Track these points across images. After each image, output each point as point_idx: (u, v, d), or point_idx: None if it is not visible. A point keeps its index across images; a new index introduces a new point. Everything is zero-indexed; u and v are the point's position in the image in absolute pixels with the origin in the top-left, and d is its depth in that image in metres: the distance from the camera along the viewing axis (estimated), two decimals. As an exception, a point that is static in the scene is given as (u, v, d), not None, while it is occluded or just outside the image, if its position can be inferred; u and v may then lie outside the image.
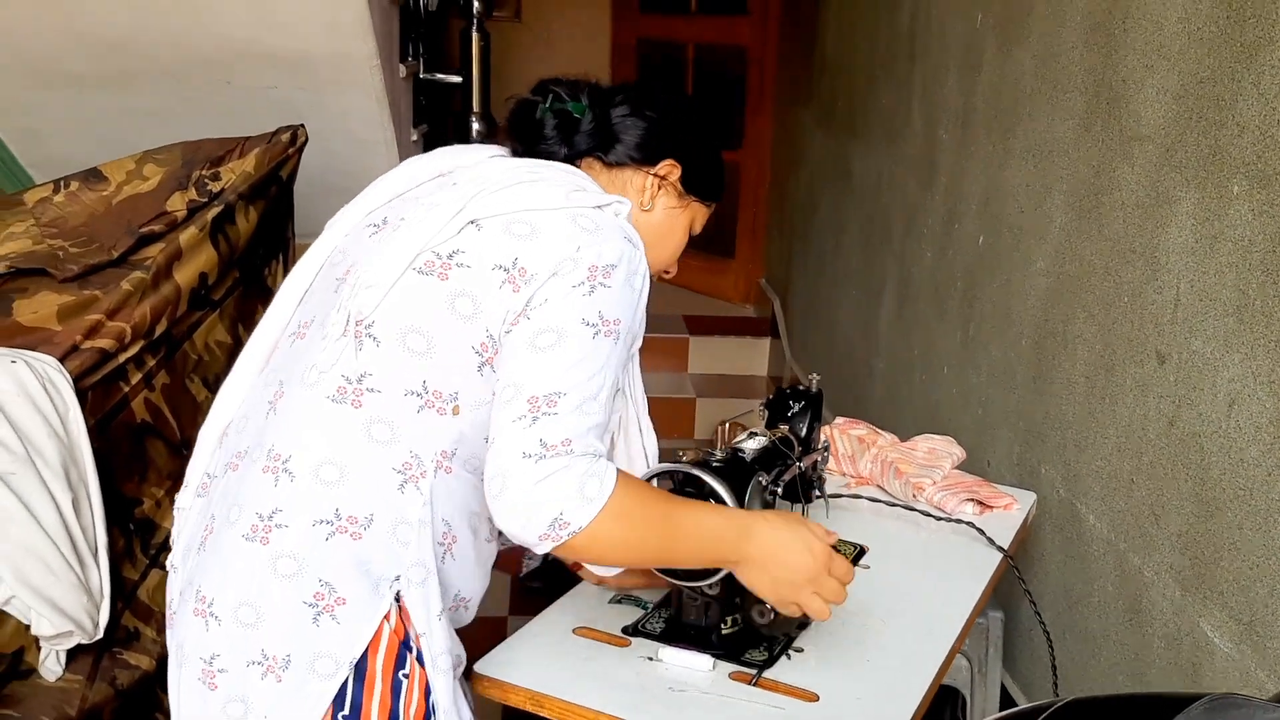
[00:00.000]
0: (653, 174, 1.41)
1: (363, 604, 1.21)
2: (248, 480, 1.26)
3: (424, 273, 1.24)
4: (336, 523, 1.21)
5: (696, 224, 1.48)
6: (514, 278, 1.22)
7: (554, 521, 1.14)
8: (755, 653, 1.41)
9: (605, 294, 1.21)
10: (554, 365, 1.18)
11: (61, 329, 1.96)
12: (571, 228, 1.24)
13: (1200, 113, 1.60)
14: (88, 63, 3.08)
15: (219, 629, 1.22)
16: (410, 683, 1.22)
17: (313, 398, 1.25)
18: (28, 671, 1.87)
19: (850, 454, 2.01)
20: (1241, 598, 1.47)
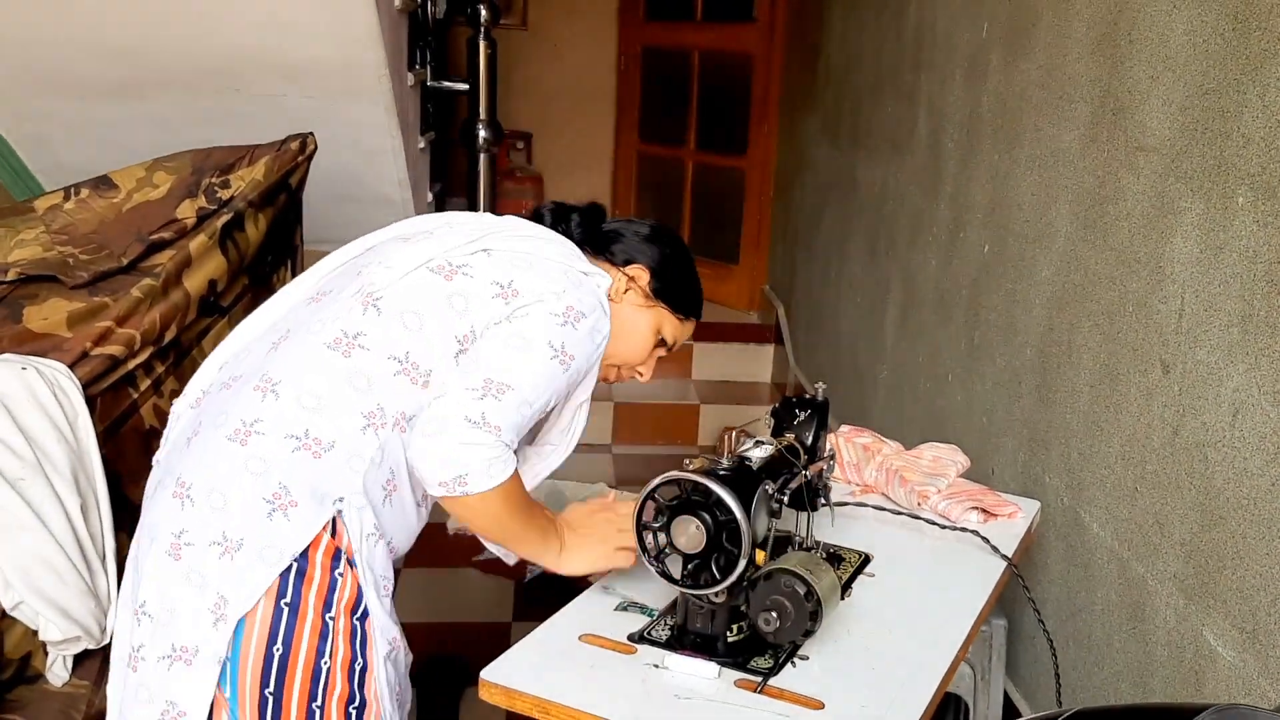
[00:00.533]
0: (623, 272, 1.66)
1: (309, 511, 1.42)
2: (239, 395, 1.48)
3: (434, 271, 1.51)
4: (304, 440, 1.44)
5: (667, 331, 1.68)
6: (506, 293, 1.49)
7: (457, 478, 1.39)
8: (761, 660, 1.41)
9: (572, 332, 1.48)
10: (515, 364, 1.44)
11: (71, 335, 1.97)
12: (561, 276, 1.52)
13: (1205, 124, 1.61)
14: (98, 71, 3.10)
15: (192, 509, 1.44)
16: (344, 581, 1.44)
17: (313, 342, 1.49)
18: (35, 677, 1.88)
19: (855, 462, 2.02)
20: (1245, 606, 1.48)
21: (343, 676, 1.44)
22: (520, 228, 1.60)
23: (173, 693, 1.42)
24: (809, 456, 1.66)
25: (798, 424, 1.71)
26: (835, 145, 3.91)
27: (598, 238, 1.68)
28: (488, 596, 2.98)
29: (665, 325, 1.68)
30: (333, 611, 1.43)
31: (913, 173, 3.01)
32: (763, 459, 1.51)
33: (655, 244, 1.69)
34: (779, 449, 1.58)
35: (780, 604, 1.35)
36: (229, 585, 1.40)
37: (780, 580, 1.35)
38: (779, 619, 1.35)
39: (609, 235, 1.69)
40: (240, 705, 1.41)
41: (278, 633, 1.41)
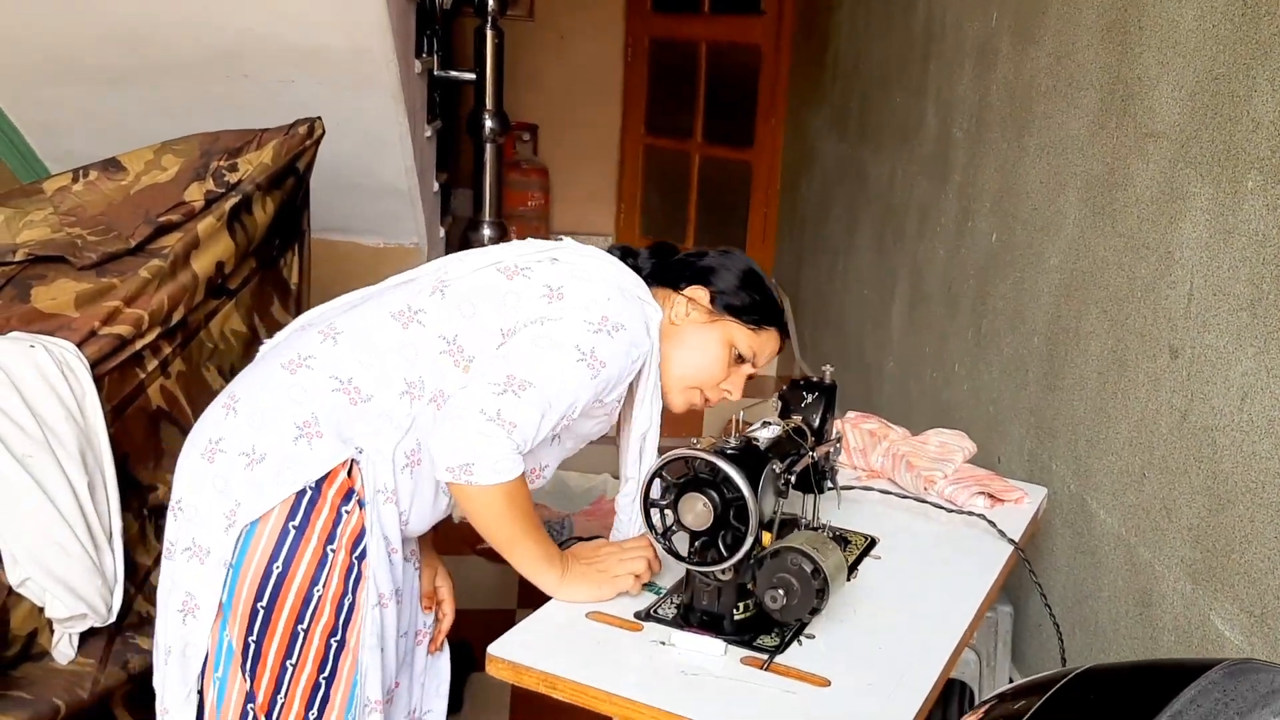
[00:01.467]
0: (680, 294, 1.67)
1: (331, 446, 1.50)
2: (305, 337, 1.58)
3: (500, 271, 1.59)
4: (345, 386, 1.52)
5: (740, 343, 1.66)
6: (553, 295, 1.54)
7: (464, 465, 1.42)
8: (767, 638, 1.41)
9: (606, 340, 1.50)
10: (540, 363, 1.47)
11: (79, 315, 1.98)
12: (616, 291, 1.56)
13: (1215, 109, 1.61)
14: (106, 57, 3.10)
15: (234, 419, 1.53)
16: (349, 517, 1.49)
17: (380, 310, 1.58)
18: (41, 654, 1.88)
19: (862, 448, 2.02)
20: (1252, 590, 1.48)
21: (331, 608, 1.49)
22: (593, 252, 1.65)
23: (190, 584, 1.51)
24: (816, 439, 1.66)
25: (805, 406, 1.71)
26: (843, 137, 3.91)
27: (665, 271, 1.71)
28: (493, 583, 2.98)
29: (737, 338, 1.66)
30: (335, 544, 1.48)
31: (921, 163, 3.01)
32: (770, 439, 1.51)
33: (716, 261, 1.71)
34: (786, 430, 1.58)
35: (787, 582, 1.35)
36: (245, 493, 1.48)
37: (787, 558, 1.35)
38: (786, 596, 1.35)
39: (675, 267, 1.71)
40: (233, 612, 1.48)
41: (280, 551, 1.47)
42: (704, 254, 1.73)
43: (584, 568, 1.54)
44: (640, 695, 1.29)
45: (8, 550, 1.77)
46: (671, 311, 1.66)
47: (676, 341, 1.65)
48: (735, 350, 1.67)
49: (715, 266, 1.69)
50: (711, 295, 1.66)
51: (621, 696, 1.29)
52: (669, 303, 1.67)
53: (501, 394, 1.43)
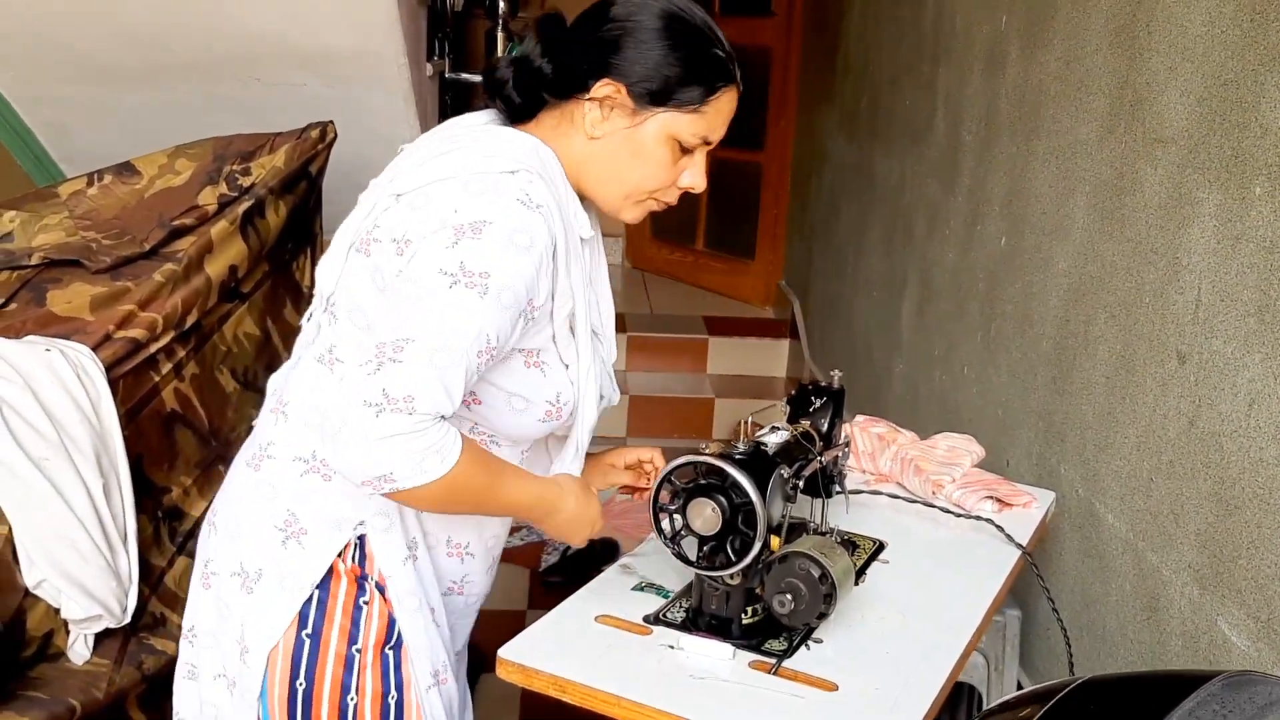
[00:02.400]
0: (589, 99, 1.30)
1: (322, 538, 1.33)
2: (262, 421, 1.43)
3: (358, 250, 1.31)
4: (311, 462, 1.34)
5: (684, 134, 1.32)
6: (401, 248, 1.25)
7: (382, 477, 1.17)
8: (775, 643, 1.42)
9: (472, 245, 1.19)
10: (405, 312, 1.18)
11: (94, 319, 2.00)
12: (459, 192, 1.23)
13: (1223, 115, 1.61)
14: (119, 58, 3.12)
15: (215, 537, 1.40)
16: (370, 609, 1.33)
17: (309, 357, 1.38)
18: (56, 654, 1.90)
19: (870, 451, 2.02)
20: (1260, 596, 1.48)
21: (373, 714, 1.34)
22: (426, 147, 1.32)
23: (223, 710, 1.40)
24: (824, 443, 1.67)
25: (813, 411, 1.71)
26: (853, 139, 3.91)
27: (565, 73, 1.31)
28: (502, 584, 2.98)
29: (678, 128, 1.32)
30: (359, 644, 1.33)
31: (930, 165, 3.01)
32: (778, 444, 1.52)
33: (613, 36, 1.30)
34: (794, 435, 1.59)
35: (795, 586, 1.36)
36: (250, 616, 1.34)
37: (795, 563, 1.36)
38: (794, 601, 1.36)
39: (573, 58, 1.31)
40: None
41: (299, 666, 1.33)
42: (603, 16, 1.31)
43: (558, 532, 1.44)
44: (649, 699, 1.30)
45: (24, 551, 1.79)
46: (587, 125, 1.31)
47: (605, 157, 1.32)
48: (678, 142, 1.33)
49: (615, 42, 1.29)
50: (626, 88, 1.30)
51: (630, 700, 1.30)
52: (578, 114, 1.32)
53: (378, 370, 1.15)
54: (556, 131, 1.34)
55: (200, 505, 2.19)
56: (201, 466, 2.20)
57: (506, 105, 1.36)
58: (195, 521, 2.18)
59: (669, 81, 1.30)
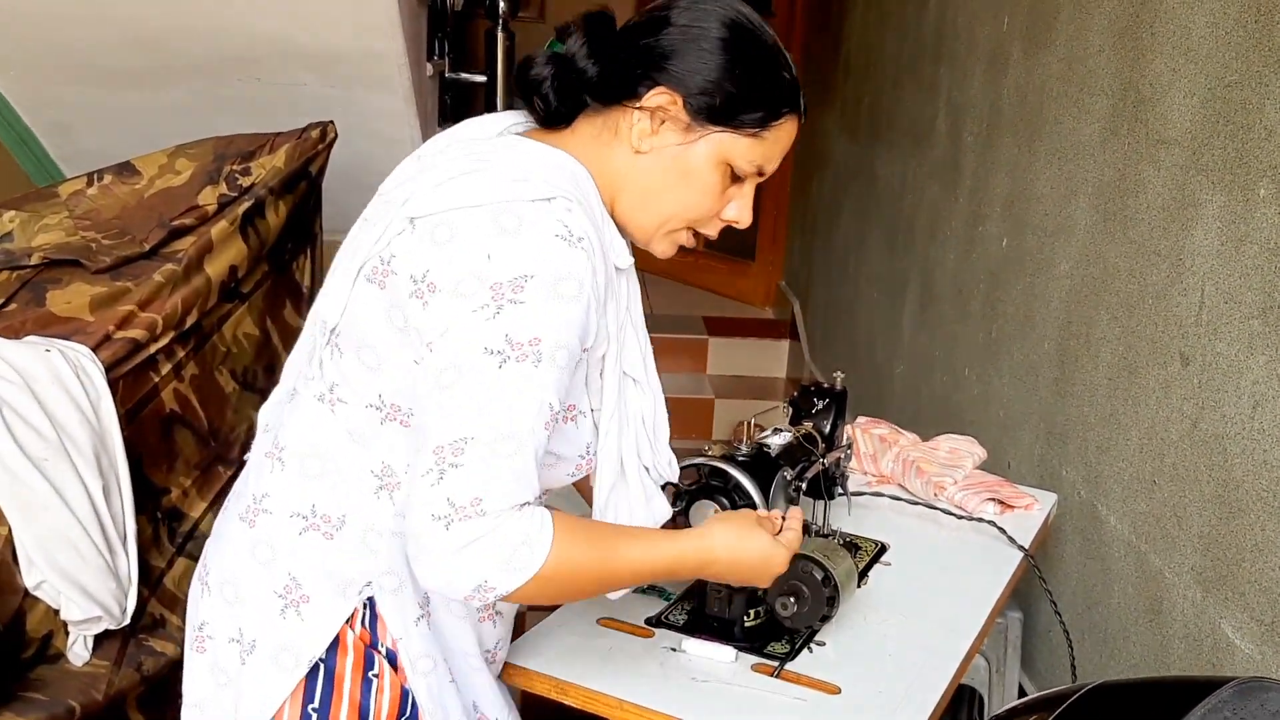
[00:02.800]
0: (640, 108, 1.16)
1: (326, 605, 1.19)
2: (256, 463, 1.28)
3: (370, 280, 1.15)
4: (311, 519, 1.20)
5: (739, 160, 1.19)
6: (422, 291, 1.10)
7: (478, 587, 1.05)
8: (778, 645, 1.42)
9: (515, 312, 1.06)
10: (457, 409, 1.05)
11: (94, 319, 1.99)
12: (490, 228, 1.08)
13: (1227, 116, 1.61)
14: (119, 58, 3.12)
15: (209, 599, 1.26)
16: (380, 682, 1.20)
17: (308, 395, 1.23)
18: (56, 656, 1.90)
19: (872, 453, 2.02)
20: (1263, 598, 1.48)
21: None
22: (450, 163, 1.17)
23: None
24: (827, 445, 1.66)
25: (816, 413, 1.71)
26: (854, 139, 3.91)
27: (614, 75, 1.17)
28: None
29: (733, 153, 1.18)
30: (370, 718, 1.21)
31: (932, 166, 3.01)
32: (781, 446, 1.52)
33: (677, 42, 1.16)
34: (797, 437, 1.58)
35: (798, 589, 1.36)
36: (246, 689, 1.22)
37: (798, 565, 1.36)
38: (796, 604, 1.35)
39: (625, 60, 1.17)
40: None
41: None
42: (662, 20, 1.17)
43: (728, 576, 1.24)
44: (651, 702, 1.30)
45: (24, 552, 1.78)
46: (634, 137, 1.17)
47: (649, 175, 1.18)
48: (731, 168, 1.19)
49: (678, 47, 1.15)
50: (683, 99, 1.15)
51: (632, 703, 1.30)
52: (624, 123, 1.18)
53: (440, 480, 1.04)
54: (596, 141, 1.19)
55: (200, 506, 2.19)
56: (201, 467, 2.20)
57: (542, 107, 1.21)
58: (194, 522, 2.17)
59: (731, 98, 1.16)
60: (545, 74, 1.19)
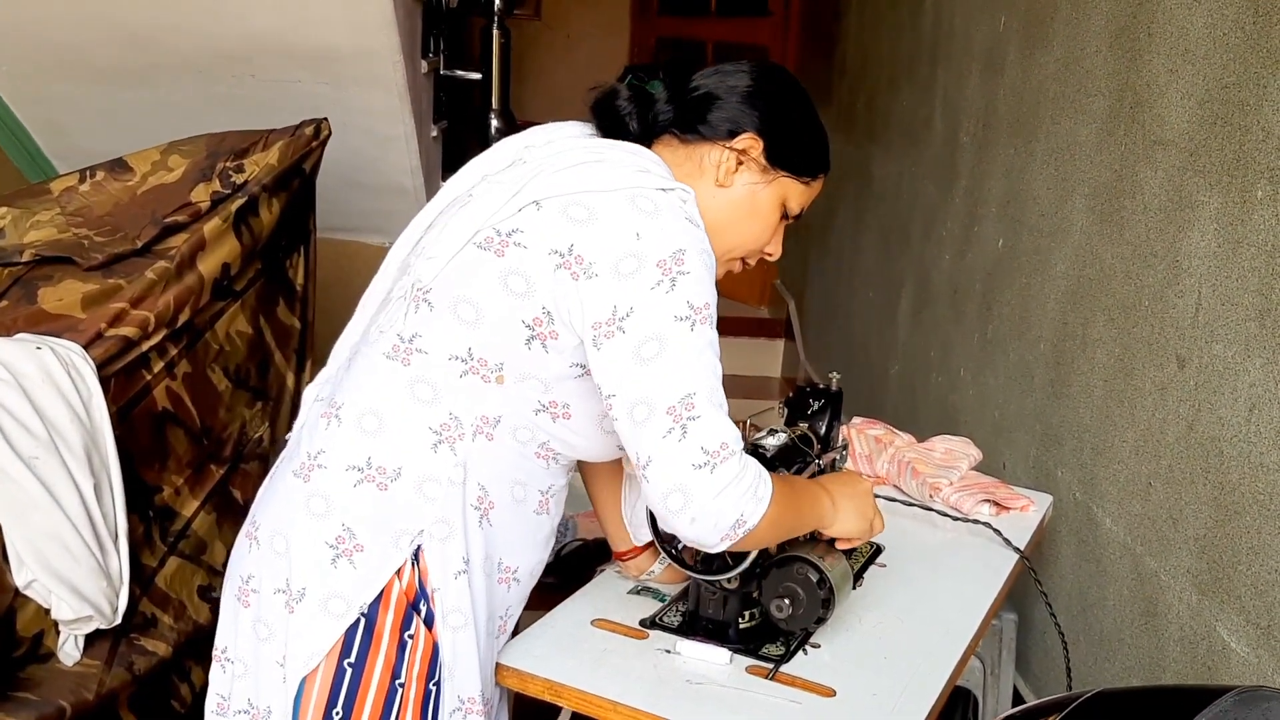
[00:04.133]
0: (729, 148, 1.33)
1: (379, 554, 1.25)
2: (311, 423, 1.35)
3: (482, 247, 1.24)
4: (366, 471, 1.26)
5: (792, 201, 1.38)
6: (570, 263, 1.21)
7: (736, 523, 1.20)
8: (772, 647, 1.41)
9: (686, 281, 1.20)
10: (672, 371, 1.18)
11: (86, 317, 1.98)
12: (630, 210, 1.21)
13: (1224, 117, 1.60)
14: (113, 56, 3.11)
15: (257, 552, 1.31)
16: (415, 643, 1.26)
17: (372, 353, 1.30)
18: (46, 655, 1.89)
19: (868, 454, 2.01)
20: (1259, 602, 1.47)
21: None
22: (569, 154, 1.30)
23: None
24: (822, 446, 1.65)
25: (811, 414, 1.70)
26: (850, 139, 3.90)
27: (688, 111, 1.35)
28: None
29: (790, 195, 1.38)
30: (402, 677, 1.26)
31: (928, 166, 3.01)
32: (776, 447, 1.51)
33: (762, 97, 1.35)
34: (792, 438, 1.57)
35: (793, 591, 1.35)
36: (292, 639, 1.27)
37: (793, 567, 1.35)
38: (791, 606, 1.35)
39: (701, 102, 1.34)
40: None
41: (338, 696, 1.26)
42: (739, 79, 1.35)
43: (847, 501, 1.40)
44: (645, 704, 1.29)
45: (14, 552, 1.77)
46: (720, 171, 1.33)
47: (725, 208, 1.34)
48: (784, 209, 1.39)
49: (764, 103, 1.34)
50: (764, 145, 1.34)
51: (626, 705, 1.29)
52: (709, 158, 1.34)
53: (685, 435, 1.17)
54: (681, 170, 1.34)
55: (192, 505, 2.18)
56: (193, 466, 2.19)
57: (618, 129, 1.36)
58: (186, 521, 2.16)
59: (801, 150, 1.36)
60: (629, 108, 1.35)
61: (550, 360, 1.24)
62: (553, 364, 1.25)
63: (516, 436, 1.29)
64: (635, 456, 1.21)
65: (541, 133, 1.40)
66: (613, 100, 1.36)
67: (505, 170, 1.33)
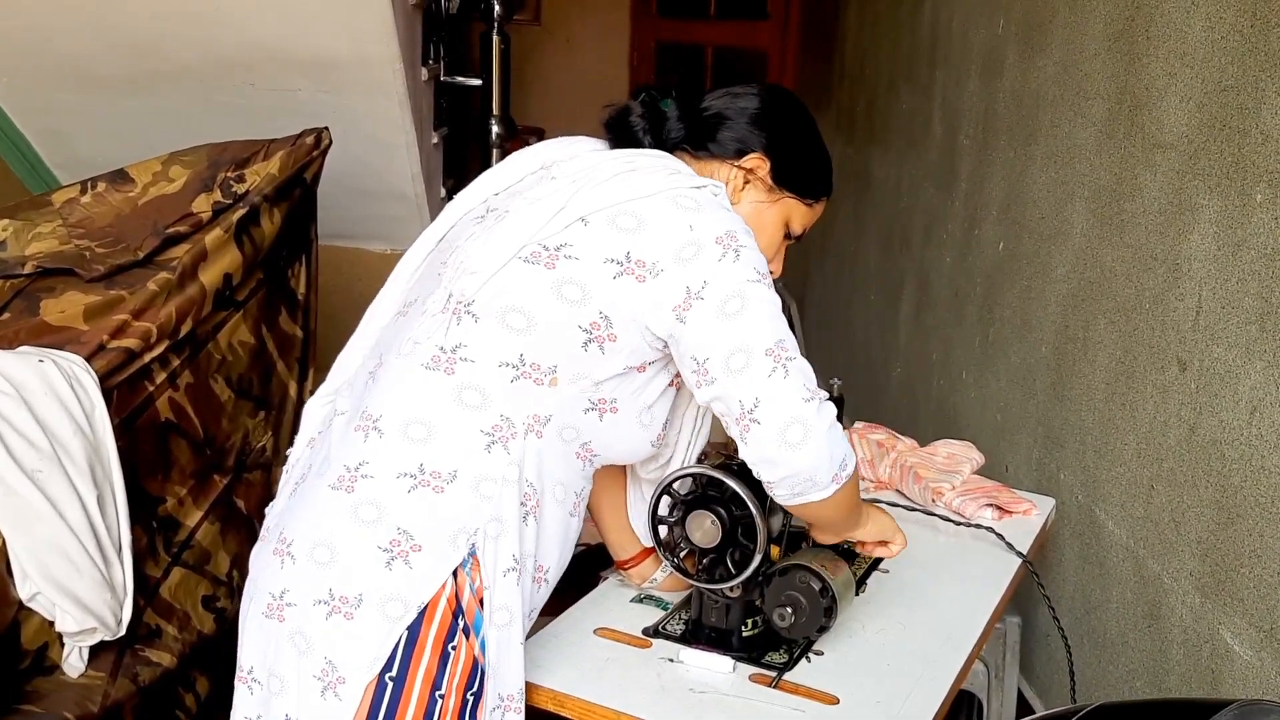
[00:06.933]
0: (738, 167, 1.39)
1: (437, 554, 1.25)
2: (341, 437, 1.33)
3: (529, 262, 1.27)
4: (420, 477, 1.26)
5: (794, 222, 1.44)
6: (633, 269, 1.25)
7: (843, 462, 1.26)
8: (775, 655, 1.41)
9: (747, 252, 1.26)
10: (763, 320, 1.24)
11: (88, 328, 1.98)
12: (674, 209, 1.26)
13: (1224, 120, 1.60)
14: (114, 65, 3.11)
15: (292, 566, 1.28)
16: (457, 654, 1.26)
17: (407, 365, 1.30)
18: (51, 668, 1.89)
19: (870, 458, 2.01)
20: (1261, 605, 1.47)
21: None
22: (603, 167, 1.33)
23: None
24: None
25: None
26: (849, 141, 3.90)
27: (699, 130, 1.40)
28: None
29: (793, 215, 1.43)
30: (442, 688, 1.25)
31: (927, 169, 3.01)
32: (778, 454, 1.51)
33: (770, 120, 1.40)
34: (794, 444, 1.57)
35: (795, 599, 1.35)
36: (342, 647, 1.25)
37: (795, 576, 1.35)
38: (794, 614, 1.35)
39: (711, 121, 1.40)
40: None
41: (379, 709, 1.25)
42: (748, 101, 1.41)
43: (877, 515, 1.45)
44: (649, 713, 1.29)
45: (18, 565, 1.77)
46: (728, 188, 1.38)
47: None
48: (788, 229, 1.44)
49: (771, 124, 1.40)
50: (771, 165, 1.39)
51: (630, 715, 1.29)
52: (719, 175, 1.39)
53: (788, 373, 1.22)
54: None
55: (195, 515, 2.18)
56: (196, 476, 2.19)
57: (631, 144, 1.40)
58: (190, 531, 2.16)
59: (807, 171, 1.42)
60: (641, 125, 1.40)
61: (606, 361, 1.27)
62: (607, 365, 1.28)
63: (563, 436, 1.31)
64: (740, 404, 1.23)
65: (558, 148, 1.43)
66: (626, 117, 1.41)
67: (532, 186, 1.36)
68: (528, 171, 1.40)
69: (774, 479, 1.26)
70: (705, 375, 1.25)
